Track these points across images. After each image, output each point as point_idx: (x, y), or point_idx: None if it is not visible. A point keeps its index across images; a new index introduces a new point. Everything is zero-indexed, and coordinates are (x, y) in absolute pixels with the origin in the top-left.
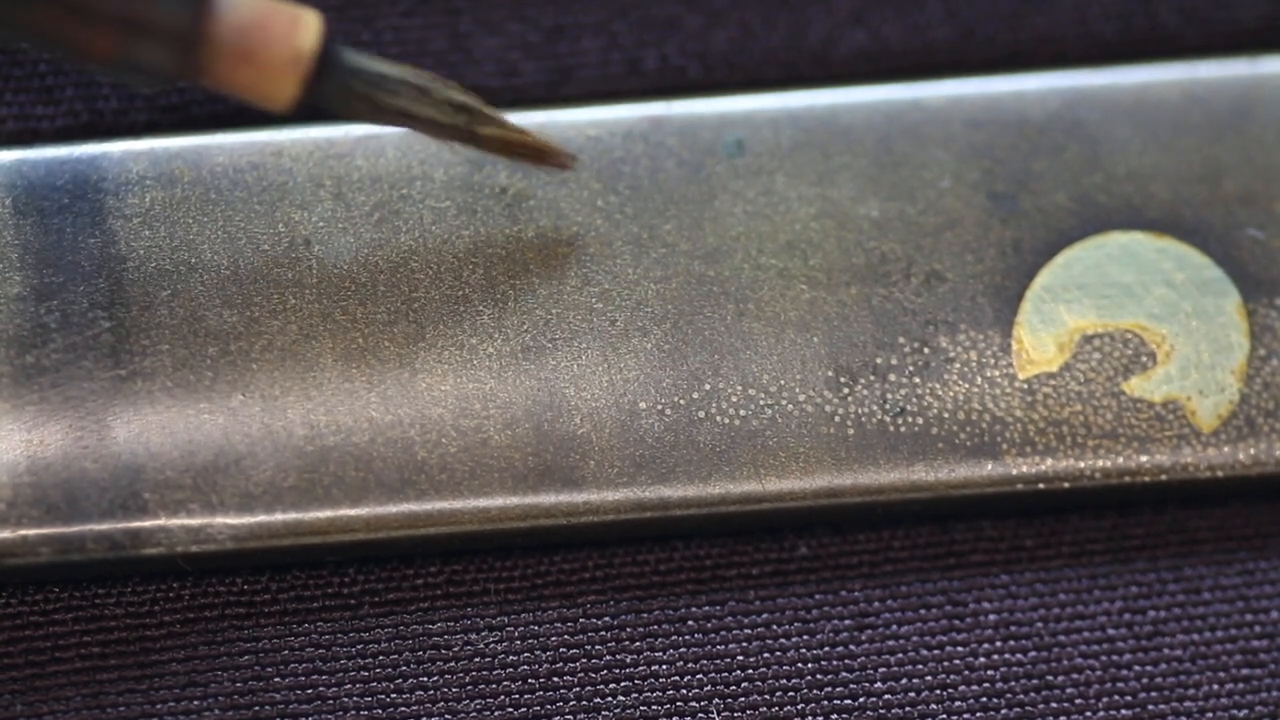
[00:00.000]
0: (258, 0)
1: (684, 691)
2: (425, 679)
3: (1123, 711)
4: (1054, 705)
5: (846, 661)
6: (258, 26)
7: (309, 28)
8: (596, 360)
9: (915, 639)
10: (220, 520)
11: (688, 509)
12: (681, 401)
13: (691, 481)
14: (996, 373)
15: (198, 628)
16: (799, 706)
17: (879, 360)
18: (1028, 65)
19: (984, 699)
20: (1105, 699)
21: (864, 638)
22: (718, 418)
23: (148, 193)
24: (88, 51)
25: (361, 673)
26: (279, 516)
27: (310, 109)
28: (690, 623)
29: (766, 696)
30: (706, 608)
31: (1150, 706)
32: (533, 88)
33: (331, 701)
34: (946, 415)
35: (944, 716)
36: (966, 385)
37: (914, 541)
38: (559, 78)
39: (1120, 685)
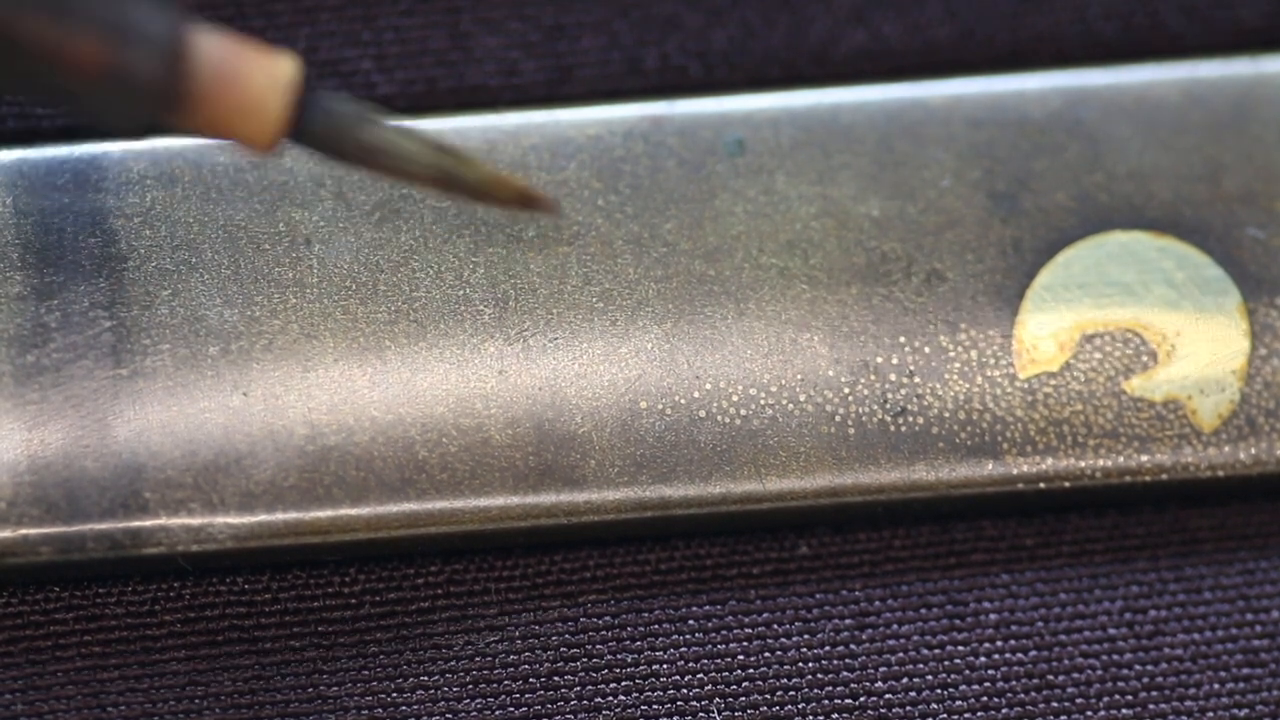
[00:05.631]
0: (233, 45)
1: (685, 691)
2: (426, 679)
3: (1123, 711)
4: (1054, 705)
5: (847, 661)
6: (234, 70)
7: (285, 69)
8: (597, 359)
9: (916, 638)
10: (221, 519)
11: (688, 508)
12: (682, 400)
13: (692, 481)
14: (997, 372)
15: (198, 627)
16: (799, 706)
17: (879, 360)
18: (1028, 64)
19: (984, 698)
20: (1106, 698)
21: (864, 637)
22: (718, 417)
23: (148, 192)
24: (63, 92)
25: (362, 673)
26: (280, 516)
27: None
28: (691, 622)
29: (767, 696)
30: (707, 607)
31: (1151, 706)
32: (533, 86)
33: (332, 701)
34: (947, 415)
35: (945, 716)
36: (967, 385)
37: (914, 541)
38: (559, 76)
39: (1121, 685)
